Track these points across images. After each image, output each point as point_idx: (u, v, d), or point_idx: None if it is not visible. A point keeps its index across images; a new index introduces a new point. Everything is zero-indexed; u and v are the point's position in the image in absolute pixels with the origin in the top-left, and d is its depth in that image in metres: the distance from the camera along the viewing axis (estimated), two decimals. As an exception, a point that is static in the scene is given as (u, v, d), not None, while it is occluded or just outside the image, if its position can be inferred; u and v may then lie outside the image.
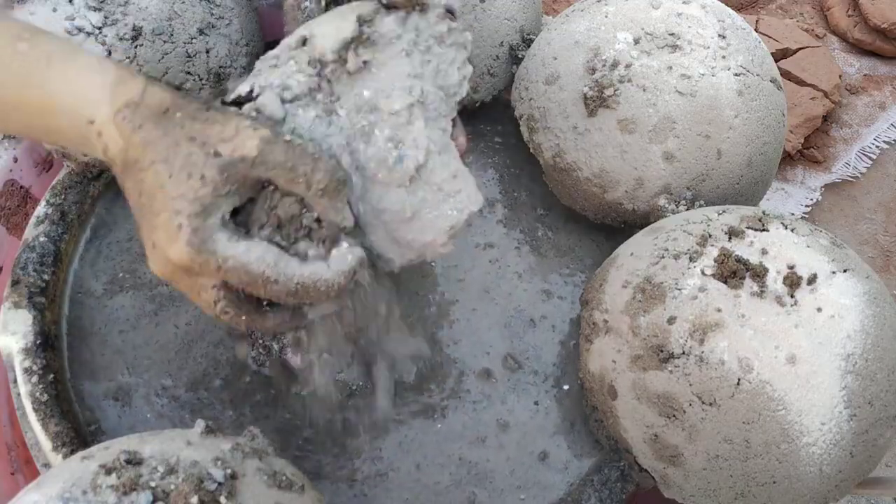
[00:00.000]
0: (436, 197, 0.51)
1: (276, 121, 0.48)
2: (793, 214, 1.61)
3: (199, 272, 0.45)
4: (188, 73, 0.69)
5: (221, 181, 0.44)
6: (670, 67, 0.66)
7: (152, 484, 0.43)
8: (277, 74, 0.49)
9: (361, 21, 0.50)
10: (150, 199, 0.45)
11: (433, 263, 0.72)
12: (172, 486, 0.43)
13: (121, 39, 0.65)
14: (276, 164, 0.45)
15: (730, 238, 0.57)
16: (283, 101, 0.48)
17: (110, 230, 0.72)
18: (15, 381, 0.61)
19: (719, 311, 0.54)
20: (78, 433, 0.59)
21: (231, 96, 0.49)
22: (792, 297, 0.53)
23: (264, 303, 0.50)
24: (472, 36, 0.55)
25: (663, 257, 0.58)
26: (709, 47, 0.68)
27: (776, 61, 1.22)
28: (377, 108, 0.50)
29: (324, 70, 0.49)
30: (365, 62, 0.50)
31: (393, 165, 0.50)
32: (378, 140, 0.50)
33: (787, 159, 1.69)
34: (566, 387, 0.67)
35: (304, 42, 0.50)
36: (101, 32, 0.64)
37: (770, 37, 1.79)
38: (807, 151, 1.70)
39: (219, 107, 0.46)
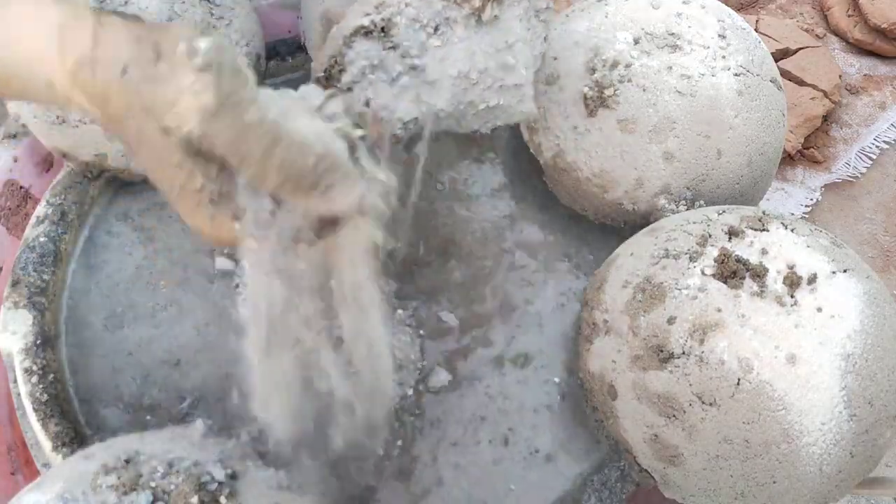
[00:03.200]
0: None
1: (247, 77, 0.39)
2: (793, 214, 1.61)
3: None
4: (188, 73, 0.69)
5: (192, 160, 0.38)
6: (670, 67, 0.66)
7: (152, 484, 0.43)
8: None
9: None
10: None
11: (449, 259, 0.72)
12: (172, 486, 0.43)
13: (121, 39, 0.65)
14: (223, 143, 0.37)
15: (730, 238, 0.57)
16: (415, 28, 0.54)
17: (110, 231, 0.72)
18: (15, 381, 0.61)
19: (719, 311, 0.54)
20: (78, 433, 0.59)
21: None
22: (792, 297, 0.53)
23: None
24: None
25: (663, 257, 0.58)
26: (709, 47, 0.68)
27: (776, 61, 1.22)
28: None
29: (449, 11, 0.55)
30: (496, 17, 0.56)
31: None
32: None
33: (787, 159, 1.68)
34: (567, 386, 0.67)
35: None
36: (101, 32, 0.64)
37: (770, 37, 1.79)
38: (807, 151, 1.70)
39: (175, 53, 0.36)
